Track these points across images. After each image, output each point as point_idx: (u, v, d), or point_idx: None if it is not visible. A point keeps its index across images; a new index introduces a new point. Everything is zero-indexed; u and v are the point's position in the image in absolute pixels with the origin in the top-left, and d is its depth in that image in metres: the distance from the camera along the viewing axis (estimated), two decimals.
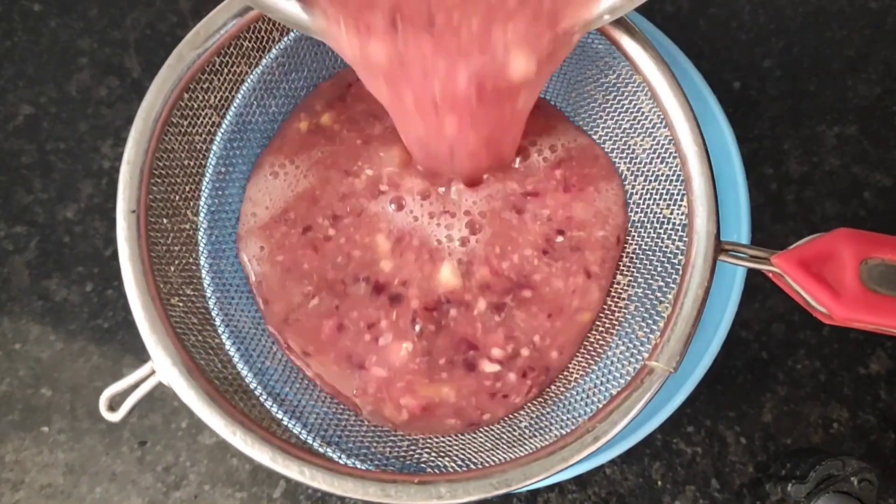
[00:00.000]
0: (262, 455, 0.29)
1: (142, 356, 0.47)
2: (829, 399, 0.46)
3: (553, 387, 0.37)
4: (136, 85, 0.51)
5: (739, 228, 0.41)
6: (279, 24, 0.36)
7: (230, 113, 0.38)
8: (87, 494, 0.45)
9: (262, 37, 0.36)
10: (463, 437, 0.36)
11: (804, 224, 0.48)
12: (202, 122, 0.37)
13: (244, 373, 0.35)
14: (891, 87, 0.49)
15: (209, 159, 0.38)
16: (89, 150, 0.50)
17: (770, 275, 0.32)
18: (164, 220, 0.34)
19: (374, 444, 0.35)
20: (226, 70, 0.36)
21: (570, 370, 0.37)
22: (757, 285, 0.47)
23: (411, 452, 0.35)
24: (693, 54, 0.44)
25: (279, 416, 0.34)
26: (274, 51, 0.37)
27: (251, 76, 0.37)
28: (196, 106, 0.36)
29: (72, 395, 0.47)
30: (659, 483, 0.45)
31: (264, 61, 0.37)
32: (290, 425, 0.34)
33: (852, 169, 0.49)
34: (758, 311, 0.47)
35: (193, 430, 0.46)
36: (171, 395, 0.46)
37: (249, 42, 0.36)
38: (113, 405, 0.31)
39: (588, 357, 0.37)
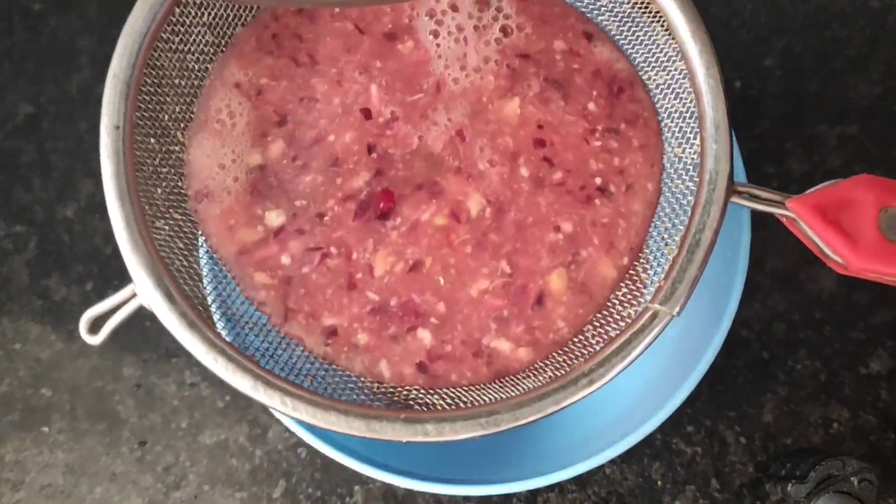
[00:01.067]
0: (243, 383, 0.28)
1: (141, 355, 0.47)
2: (829, 399, 0.46)
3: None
4: None
5: (741, 224, 0.41)
6: None
7: None
8: (87, 494, 0.45)
9: None
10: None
11: None
12: (195, 41, 0.35)
13: (229, 304, 0.34)
14: (892, 86, 0.49)
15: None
16: (89, 150, 0.50)
17: (784, 220, 0.31)
18: (152, 140, 0.33)
19: (361, 380, 0.34)
20: None
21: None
22: (758, 284, 0.47)
23: (399, 389, 0.33)
24: None
25: (264, 347, 0.33)
26: None
27: None
28: (188, 23, 0.34)
29: (71, 396, 0.47)
30: (659, 483, 0.45)
31: None
32: (273, 362, 0.33)
33: (854, 168, 0.49)
34: (758, 311, 0.47)
35: (193, 430, 0.46)
36: (171, 394, 0.46)
37: None
38: (93, 328, 0.30)
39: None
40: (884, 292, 0.47)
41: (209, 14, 0.34)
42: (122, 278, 0.48)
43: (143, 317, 0.47)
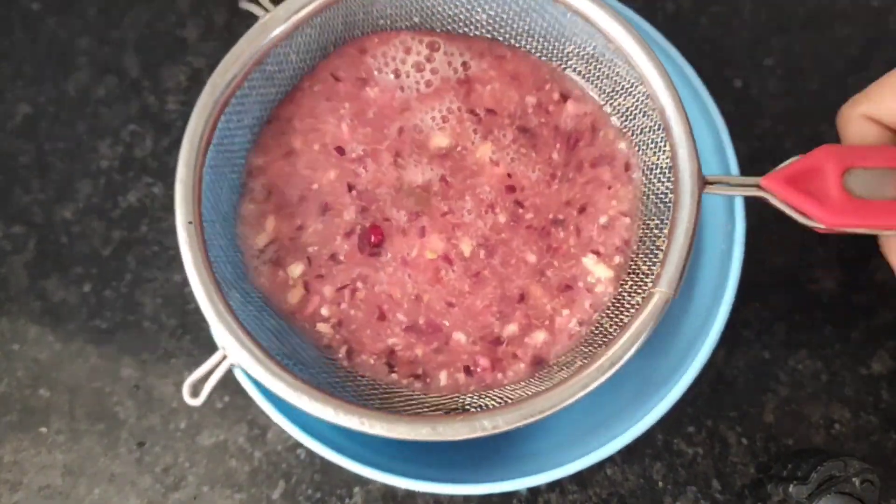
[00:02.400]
0: (326, 411, 0.34)
1: (140, 356, 0.47)
2: (830, 399, 0.46)
3: None
4: (134, 84, 0.51)
5: (734, 214, 0.41)
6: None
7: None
8: (86, 495, 0.45)
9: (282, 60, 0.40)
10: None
11: None
12: (239, 141, 0.40)
13: (299, 352, 0.39)
14: None
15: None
16: (88, 150, 0.50)
17: (761, 199, 0.35)
18: (217, 226, 0.38)
19: (419, 395, 0.39)
20: (254, 93, 0.39)
21: None
22: (758, 284, 0.47)
23: (455, 398, 0.39)
24: (694, 53, 0.43)
25: (335, 380, 0.38)
26: None
27: None
28: (231, 127, 0.39)
29: (70, 396, 0.46)
30: (660, 484, 0.45)
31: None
32: (344, 392, 0.38)
33: None
34: (759, 311, 0.47)
35: (192, 431, 0.46)
36: (170, 395, 0.46)
37: (272, 66, 0.40)
38: (194, 392, 0.35)
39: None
40: (884, 293, 0.47)
41: (249, 117, 0.41)
42: (120, 280, 0.48)
43: (142, 317, 0.47)
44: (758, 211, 0.47)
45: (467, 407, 0.37)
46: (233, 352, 0.34)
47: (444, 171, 0.41)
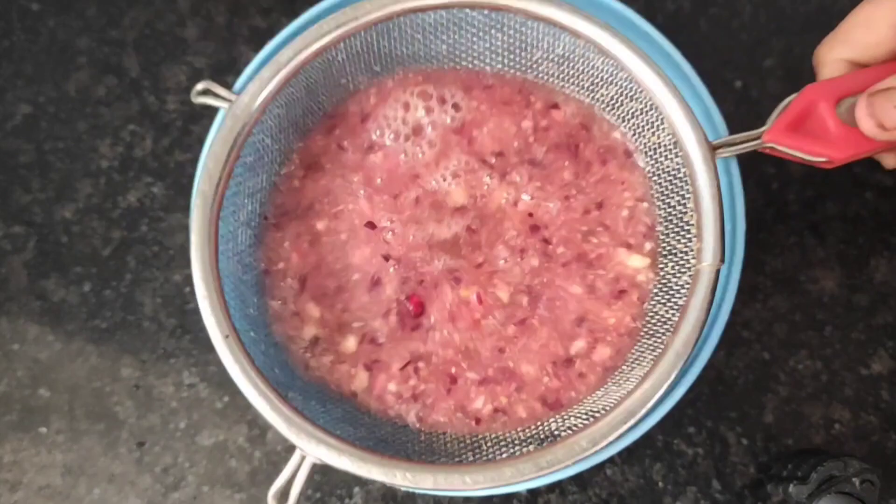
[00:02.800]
0: (426, 480, 0.33)
1: (140, 356, 0.47)
2: (830, 400, 0.46)
3: None
4: (134, 84, 0.51)
5: (735, 219, 0.41)
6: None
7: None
8: (86, 495, 0.45)
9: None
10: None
11: (806, 223, 0.48)
12: (242, 240, 0.39)
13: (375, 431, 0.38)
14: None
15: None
16: (88, 150, 0.50)
17: (767, 150, 0.35)
18: (252, 334, 0.37)
19: (511, 434, 0.39)
20: (241, 189, 0.39)
21: None
22: (758, 285, 0.47)
23: (539, 426, 0.38)
24: (694, 54, 0.43)
25: (419, 447, 0.38)
26: None
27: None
28: (231, 230, 0.38)
29: (70, 396, 0.46)
30: (660, 484, 0.45)
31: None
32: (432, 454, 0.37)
33: (853, 168, 0.49)
34: (759, 312, 0.47)
35: (192, 431, 0.46)
36: (169, 395, 0.46)
37: (251, 157, 0.39)
38: (282, 498, 0.34)
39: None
40: (884, 293, 0.47)
41: (244, 213, 0.40)
42: (120, 280, 0.48)
43: (142, 317, 0.47)
44: (758, 211, 0.48)
45: (556, 433, 0.37)
46: (312, 450, 0.33)
47: (468, 223, 0.41)
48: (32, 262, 0.48)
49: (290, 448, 0.45)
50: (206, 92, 0.37)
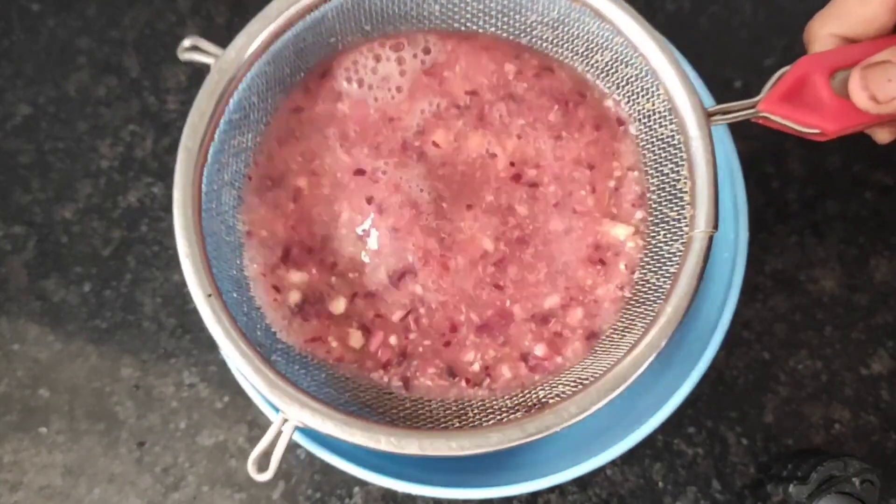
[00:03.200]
0: (411, 445, 0.32)
1: (140, 356, 0.47)
2: (830, 400, 0.46)
3: None
4: (134, 84, 0.51)
5: (738, 226, 0.41)
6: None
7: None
8: (86, 495, 0.45)
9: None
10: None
11: (806, 223, 0.48)
12: (225, 200, 0.38)
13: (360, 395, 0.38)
14: None
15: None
16: (88, 150, 0.50)
17: (760, 120, 0.36)
18: (235, 294, 0.36)
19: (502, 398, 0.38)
20: (226, 147, 0.38)
21: None
22: (758, 286, 0.47)
23: (528, 393, 0.37)
24: (694, 53, 0.43)
25: (405, 412, 0.37)
26: None
27: None
28: (216, 188, 0.37)
29: (70, 396, 0.46)
30: (660, 484, 0.45)
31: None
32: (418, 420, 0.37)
33: (853, 168, 0.49)
34: (759, 311, 0.47)
35: (192, 431, 0.46)
36: (169, 395, 0.46)
37: (237, 114, 0.38)
38: (261, 466, 0.33)
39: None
40: (884, 293, 0.47)
41: (228, 173, 0.38)
42: (120, 280, 0.48)
43: (142, 317, 0.47)
44: (758, 210, 0.48)
45: (544, 400, 0.36)
46: (295, 413, 0.33)
47: (446, 172, 0.40)
48: (32, 263, 0.48)
49: (292, 447, 0.45)
50: (193, 48, 0.37)
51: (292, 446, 0.46)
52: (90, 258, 0.48)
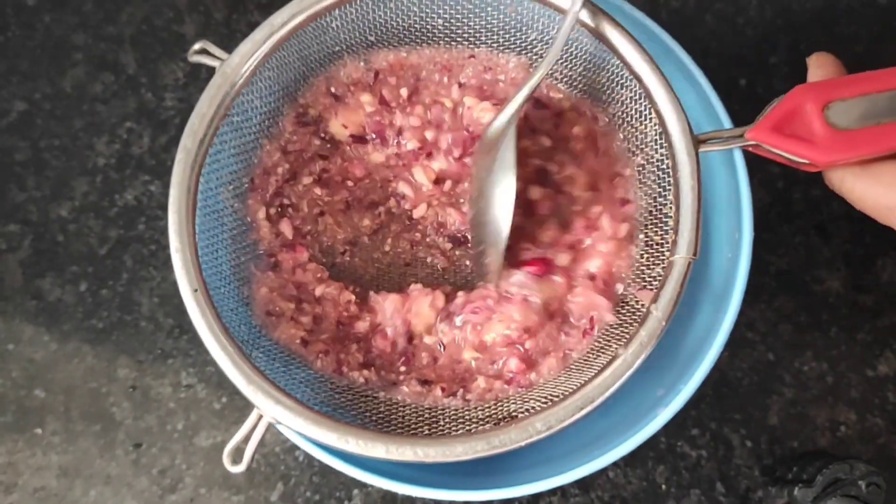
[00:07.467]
0: (377, 449, 0.33)
1: (136, 356, 0.46)
2: (836, 401, 0.45)
3: None
4: (131, 81, 0.50)
5: (742, 226, 0.41)
6: None
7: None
8: (82, 497, 0.45)
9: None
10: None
11: (811, 222, 0.47)
12: (223, 198, 0.39)
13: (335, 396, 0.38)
14: None
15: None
16: (84, 148, 0.49)
17: (750, 148, 0.35)
18: (222, 289, 0.37)
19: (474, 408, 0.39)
20: (226, 147, 0.38)
21: None
22: (763, 286, 0.47)
23: (500, 405, 0.38)
24: (699, 50, 0.43)
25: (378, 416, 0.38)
26: None
27: None
28: (213, 186, 0.38)
29: (66, 397, 0.46)
30: (663, 487, 0.45)
31: None
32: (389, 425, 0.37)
33: None
34: (764, 312, 0.46)
35: (189, 433, 0.45)
36: (166, 396, 0.46)
37: (238, 117, 0.39)
38: (235, 458, 0.34)
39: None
40: (890, 294, 0.47)
41: (227, 174, 0.39)
42: (117, 279, 0.47)
43: (139, 316, 0.47)
44: (763, 210, 0.47)
45: (514, 414, 0.37)
46: (269, 409, 0.33)
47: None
48: (28, 262, 0.48)
49: (290, 448, 0.45)
50: (202, 52, 0.38)
51: (291, 448, 0.45)
52: (86, 257, 0.48)
